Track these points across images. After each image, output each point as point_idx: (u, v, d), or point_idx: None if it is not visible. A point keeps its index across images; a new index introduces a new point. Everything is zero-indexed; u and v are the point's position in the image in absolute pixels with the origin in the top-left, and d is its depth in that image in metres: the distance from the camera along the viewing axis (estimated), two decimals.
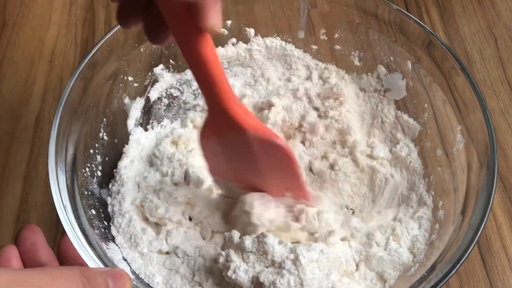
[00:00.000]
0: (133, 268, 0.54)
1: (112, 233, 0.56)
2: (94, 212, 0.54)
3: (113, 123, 0.62)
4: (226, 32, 0.67)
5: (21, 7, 0.83)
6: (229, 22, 0.67)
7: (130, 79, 0.63)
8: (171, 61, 0.66)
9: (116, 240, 0.56)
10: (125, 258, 0.55)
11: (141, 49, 0.62)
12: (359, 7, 0.63)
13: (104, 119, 0.60)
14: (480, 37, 0.80)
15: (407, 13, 0.60)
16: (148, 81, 0.66)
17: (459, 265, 0.45)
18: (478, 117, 0.53)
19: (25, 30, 0.81)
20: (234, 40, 0.68)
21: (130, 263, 0.55)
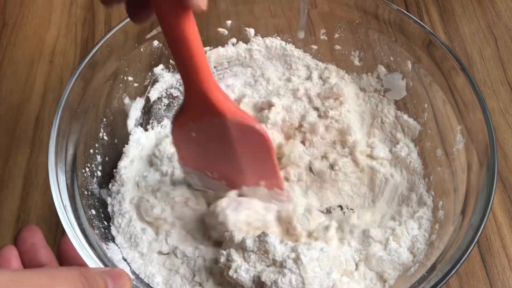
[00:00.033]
0: (133, 268, 0.54)
1: (112, 233, 0.56)
2: (94, 212, 0.54)
3: (113, 123, 0.62)
4: (226, 32, 0.67)
5: (21, 7, 0.83)
6: (229, 22, 0.67)
7: (130, 79, 0.63)
8: (171, 61, 0.66)
9: (116, 240, 0.56)
10: (125, 258, 0.55)
11: (141, 49, 0.62)
12: (359, 7, 0.63)
13: (104, 119, 0.60)
14: (480, 37, 0.80)
15: (407, 13, 0.60)
16: (148, 81, 0.66)
17: (459, 265, 0.45)
18: (478, 117, 0.53)
19: (25, 30, 0.81)
20: (234, 40, 0.68)
21: (130, 263, 0.55)
